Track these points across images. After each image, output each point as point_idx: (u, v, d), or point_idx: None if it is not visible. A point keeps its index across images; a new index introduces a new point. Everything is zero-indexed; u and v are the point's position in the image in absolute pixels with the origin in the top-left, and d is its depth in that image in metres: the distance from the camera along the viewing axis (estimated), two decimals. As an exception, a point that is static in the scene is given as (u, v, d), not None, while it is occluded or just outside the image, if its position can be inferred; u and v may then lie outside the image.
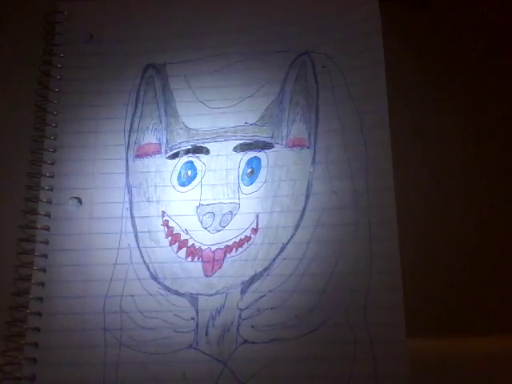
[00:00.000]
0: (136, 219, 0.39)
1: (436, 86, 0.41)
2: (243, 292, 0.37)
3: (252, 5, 0.42)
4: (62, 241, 0.38)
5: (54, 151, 0.40)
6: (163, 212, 0.39)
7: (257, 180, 0.39)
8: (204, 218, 0.38)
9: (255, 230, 0.38)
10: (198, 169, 0.39)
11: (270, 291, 0.36)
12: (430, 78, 0.41)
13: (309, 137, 0.39)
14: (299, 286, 0.36)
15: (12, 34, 0.44)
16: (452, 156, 0.40)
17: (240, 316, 0.36)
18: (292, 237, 0.37)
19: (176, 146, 0.40)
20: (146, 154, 0.40)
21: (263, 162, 0.39)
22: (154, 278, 0.37)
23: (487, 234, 0.38)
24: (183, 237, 0.38)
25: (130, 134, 0.40)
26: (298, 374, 0.35)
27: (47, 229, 0.39)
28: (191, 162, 0.40)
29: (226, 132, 0.40)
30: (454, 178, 0.39)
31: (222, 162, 0.39)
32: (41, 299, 0.37)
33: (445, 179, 0.39)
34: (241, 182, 0.39)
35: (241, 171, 0.39)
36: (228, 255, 0.37)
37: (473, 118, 0.40)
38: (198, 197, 0.39)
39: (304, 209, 0.38)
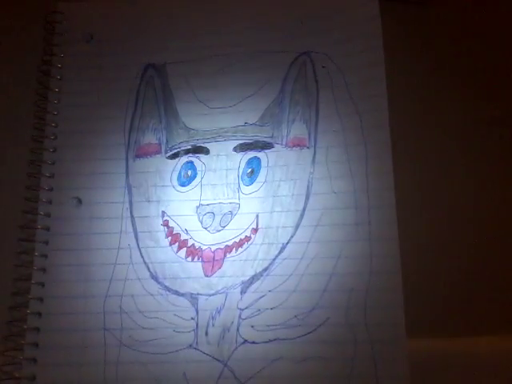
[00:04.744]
0: (136, 219, 0.39)
1: (436, 86, 0.41)
2: (243, 292, 0.37)
3: (252, 5, 0.42)
4: (62, 241, 0.38)
5: (53, 151, 0.40)
6: (163, 212, 0.39)
7: (257, 180, 0.39)
8: (204, 217, 0.38)
9: (255, 230, 0.38)
10: (197, 169, 0.39)
11: (269, 291, 0.36)
12: (430, 77, 0.41)
13: (309, 137, 0.39)
14: (299, 286, 0.36)
15: (12, 33, 0.43)
16: (452, 155, 0.40)
17: (240, 316, 0.36)
18: (292, 237, 0.37)
19: (176, 146, 0.40)
20: (146, 154, 0.40)
21: (263, 162, 0.39)
22: (154, 277, 0.37)
23: (488, 234, 0.38)
24: (183, 237, 0.38)
25: (129, 134, 0.40)
26: (298, 373, 0.35)
27: (47, 229, 0.39)
28: (191, 162, 0.40)
29: (226, 132, 0.40)
30: (455, 177, 0.39)
31: (222, 162, 0.39)
32: (41, 299, 0.37)
33: (445, 179, 0.39)
34: (241, 181, 0.39)
35: (241, 171, 0.39)
36: (228, 255, 0.37)
37: (473, 116, 0.40)
38: (198, 197, 0.39)
39: (304, 209, 0.38)
